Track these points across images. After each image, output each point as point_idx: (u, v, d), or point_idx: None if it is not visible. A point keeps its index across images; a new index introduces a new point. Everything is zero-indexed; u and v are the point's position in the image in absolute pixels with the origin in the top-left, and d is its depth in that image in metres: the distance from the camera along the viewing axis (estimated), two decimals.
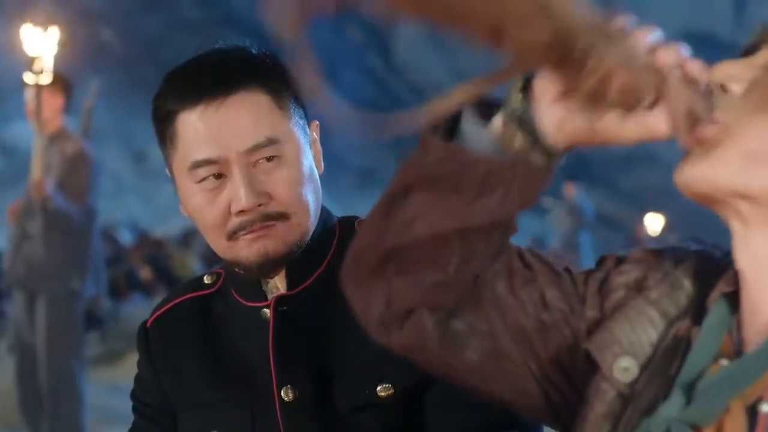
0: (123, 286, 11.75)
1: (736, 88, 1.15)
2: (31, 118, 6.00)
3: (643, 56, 1.10)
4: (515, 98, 1.19)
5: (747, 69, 1.16)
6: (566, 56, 1.09)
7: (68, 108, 6.16)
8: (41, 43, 5.75)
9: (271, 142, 1.71)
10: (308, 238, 1.75)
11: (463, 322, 1.26)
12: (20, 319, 6.23)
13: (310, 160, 1.77)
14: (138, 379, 1.90)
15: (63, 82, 6.00)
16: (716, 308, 1.19)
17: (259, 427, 1.77)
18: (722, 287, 1.20)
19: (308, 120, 1.80)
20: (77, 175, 6.03)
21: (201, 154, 1.71)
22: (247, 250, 1.72)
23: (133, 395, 1.91)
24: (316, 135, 1.81)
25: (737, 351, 1.16)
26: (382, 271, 1.24)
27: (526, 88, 1.18)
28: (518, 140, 1.18)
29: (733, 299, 1.19)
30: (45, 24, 5.82)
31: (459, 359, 1.27)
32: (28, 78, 5.78)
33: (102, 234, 6.82)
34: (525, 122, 1.18)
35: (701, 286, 1.23)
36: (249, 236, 1.71)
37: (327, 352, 1.76)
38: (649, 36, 1.11)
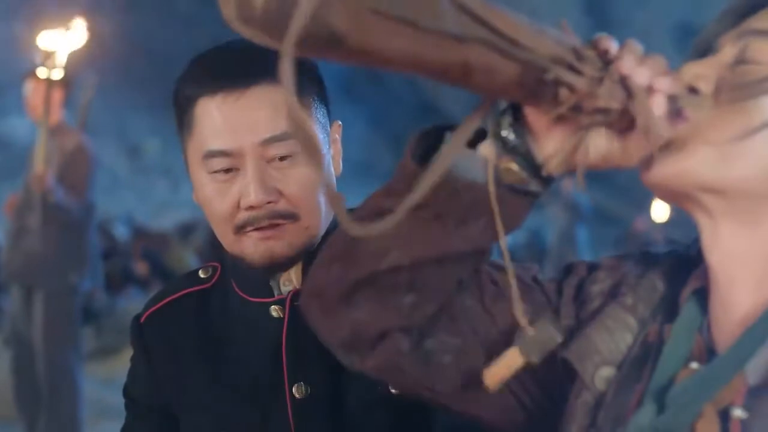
0: (118, 281, 11.71)
1: (704, 87, 1.16)
2: (32, 112, 5.99)
3: (612, 79, 1.09)
4: (505, 128, 1.16)
5: (712, 68, 1.17)
6: (537, 90, 1.07)
7: (65, 102, 6.15)
8: (61, 39, 5.72)
9: (287, 136, 1.67)
10: (317, 241, 1.71)
11: (435, 340, 1.25)
12: (17, 313, 6.22)
13: (327, 161, 1.73)
14: (131, 374, 1.86)
15: (63, 76, 5.98)
16: (687, 308, 1.19)
17: (269, 426, 1.74)
18: (693, 283, 1.20)
19: (330, 120, 1.76)
20: (76, 169, 6.02)
21: (216, 145, 1.68)
22: (253, 248, 1.69)
23: (125, 392, 1.87)
24: (337, 135, 1.77)
25: (709, 350, 1.16)
26: (351, 300, 1.22)
27: (516, 116, 1.16)
28: (515, 170, 1.16)
29: (705, 297, 1.19)
30: (67, 20, 5.78)
31: (437, 380, 1.26)
32: (42, 72, 5.75)
33: (97, 228, 6.80)
34: (520, 152, 1.16)
35: (673, 285, 1.23)
36: (256, 234, 1.68)
37: None
38: (630, 54, 1.10)
